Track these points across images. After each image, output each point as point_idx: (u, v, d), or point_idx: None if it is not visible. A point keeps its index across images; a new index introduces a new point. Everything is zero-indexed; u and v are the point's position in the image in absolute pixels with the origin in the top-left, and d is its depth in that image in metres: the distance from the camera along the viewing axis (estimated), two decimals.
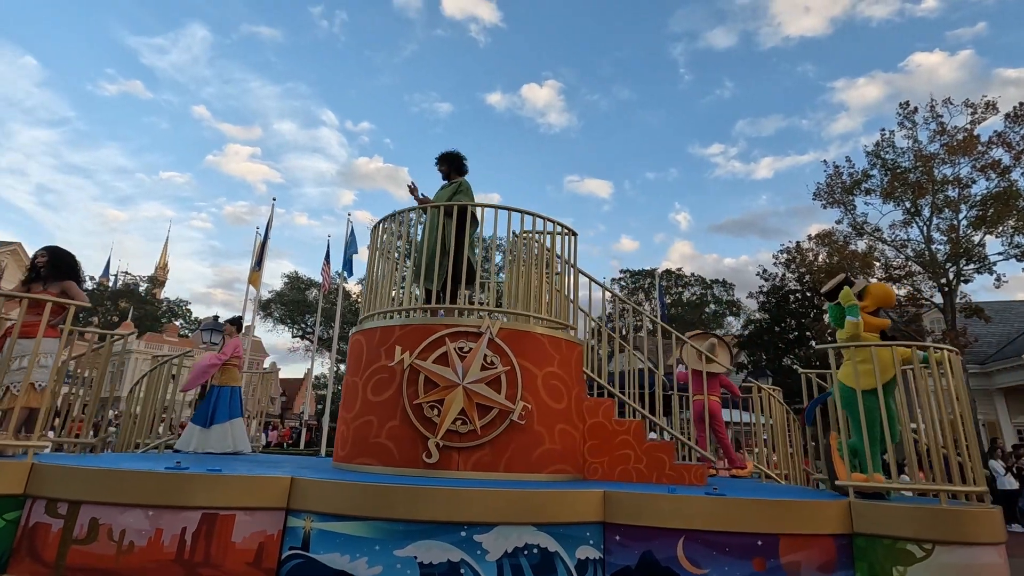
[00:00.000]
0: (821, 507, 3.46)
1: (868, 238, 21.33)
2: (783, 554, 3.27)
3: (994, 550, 3.41)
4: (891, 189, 20.14)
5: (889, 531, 3.35)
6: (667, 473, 4.44)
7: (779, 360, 23.69)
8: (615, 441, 4.52)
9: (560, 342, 4.47)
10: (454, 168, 5.36)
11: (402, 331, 4.18)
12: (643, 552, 3.26)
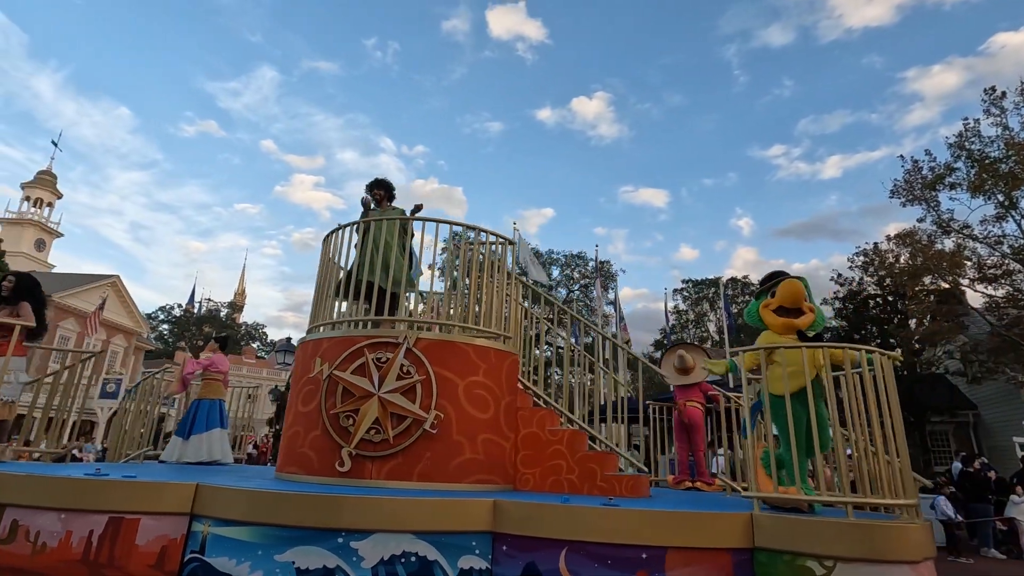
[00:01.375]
0: (717, 520, 3.13)
1: (956, 235, 19.07)
2: (669, 568, 3.00)
3: (907, 568, 2.96)
4: (980, 182, 17.96)
5: (789, 546, 2.99)
6: (599, 484, 4.18)
7: None
8: (548, 451, 4.31)
9: (488, 352, 4.33)
10: (388, 195, 5.44)
11: (329, 343, 4.23)
12: (527, 563, 3.09)
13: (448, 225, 4.66)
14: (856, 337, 21.86)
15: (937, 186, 19.09)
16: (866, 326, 21.72)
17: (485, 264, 4.76)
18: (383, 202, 5.42)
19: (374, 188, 5.42)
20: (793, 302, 3.83)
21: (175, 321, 49.79)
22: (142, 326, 31.68)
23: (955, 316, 18.36)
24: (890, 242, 20.30)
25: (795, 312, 3.84)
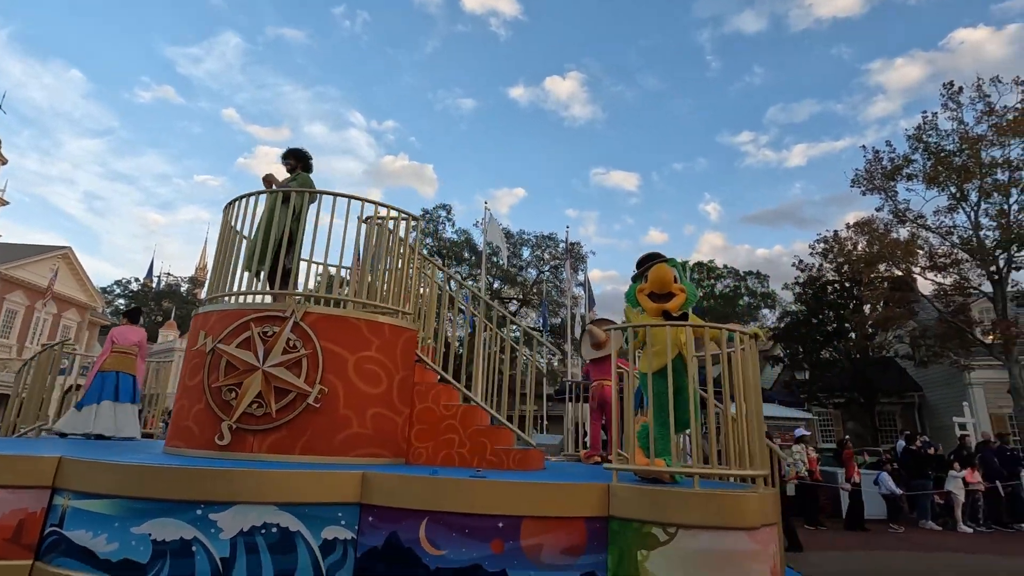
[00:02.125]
0: (574, 490, 3.20)
1: (911, 225, 19.31)
2: (524, 536, 3.06)
3: (744, 534, 3.06)
4: (935, 174, 18.17)
5: (638, 515, 3.08)
6: (488, 457, 4.19)
7: (817, 353, 21.86)
8: (442, 426, 4.30)
9: (382, 327, 4.26)
10: (301, 163, 5.19)
11: (217, 316, 4.12)
12: (390, 533, 3.12)
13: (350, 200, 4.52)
14: (814, 321, 22.22)
15: (895, 177, 19.25)
16: (823, 311, 22.03)
17: (384, 239, 4.65)
18: (297, 170, 5.17)
19: (287, 157, 5.18)
20: (660, 288, 3.86)
21: (132, 296, 47.14)
22: (96, 300, 30.32)
23: (906, 303, 18.67)
24: (849, 230, 20.50)
25: (666, 296, 3.86)
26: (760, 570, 3.10)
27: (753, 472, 3.37)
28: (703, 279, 30.56)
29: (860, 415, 20.98)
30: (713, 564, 3.00)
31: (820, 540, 8.44)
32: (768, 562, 3.18)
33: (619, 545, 3.12)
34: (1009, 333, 16.15)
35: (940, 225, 18.69)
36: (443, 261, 26.67)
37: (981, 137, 17.51)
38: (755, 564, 3.07)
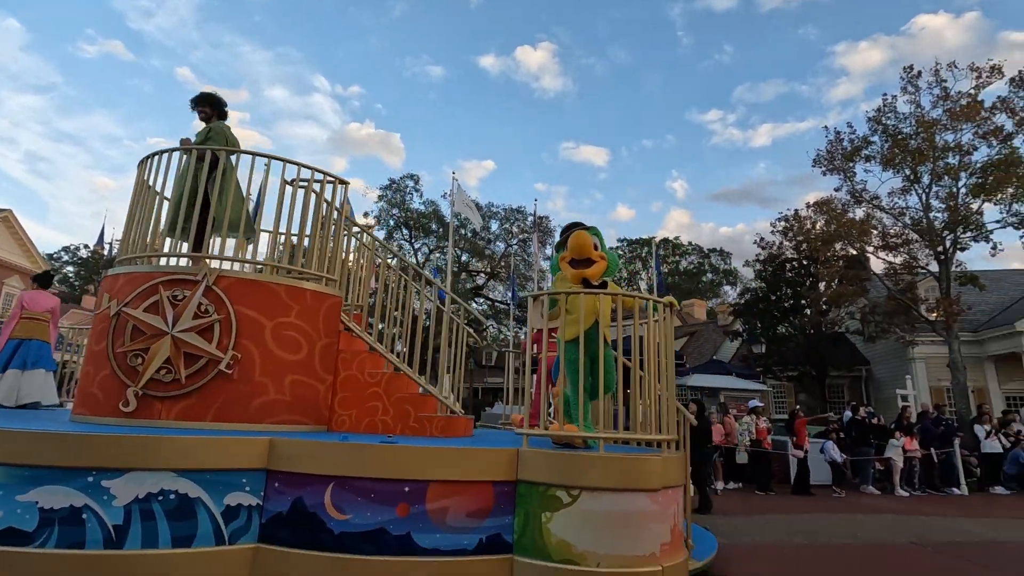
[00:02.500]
0: (484, 455, 3.25)
1: (866, 206, 19.73)
2: (430, 500, 3.10)
3: (645, 496, 3.18)
4: (891, 156, 18.51)
5: (544, 478, 3.16)
6: (411, 424, 4.20)
7: (774, 328, 22.36)
8: (366, 393, 4.23)
9: (303, 293, 4.11)
10: (216, 111, 4.78)
11: (124, 279, 3.90)
12: (295, 498, 3.10)
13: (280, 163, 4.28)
14: (772, 298, 22.67)
15: (854, 158, 19.56)
16: (782, 288, 22.47)
17: (309, 203, 4.43)
18: (212, 119, 4.77)
19: (199, 103, 4.75)
20: (579, 253, 3.88)
21: (81, 263, 44.69)
22: (41, 267, 29.31)
23: (859, 280, 19.14)
24: (809, 209, 20.82)
25: (586, 263, 3.84)
26: (660, 529, 3.20)
27: (660, 437, 3.45)
28: (668, 255, 30.86)
29: (811, 387, 21.66)
30: (613, 524, 3.07)
31: (768, 504, 8.71)
32: (668, 521, 3.29)
33: (525, 508, 3.19)
34: (951, 311, 16.75)
35: (894, 206, 19.14)
36: (410, 233, 26.23)
37: (936, 121, 17.84)
38: (655, 524, 3.18)
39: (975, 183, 17.11)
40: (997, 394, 17.90)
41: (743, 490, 10.33)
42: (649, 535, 3.15)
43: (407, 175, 27.60)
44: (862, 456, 11.11)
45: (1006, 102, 16.91)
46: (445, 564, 3.05)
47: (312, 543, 3.03)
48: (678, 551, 3.39)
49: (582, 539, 3.05)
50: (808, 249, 21.11)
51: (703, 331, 30.53)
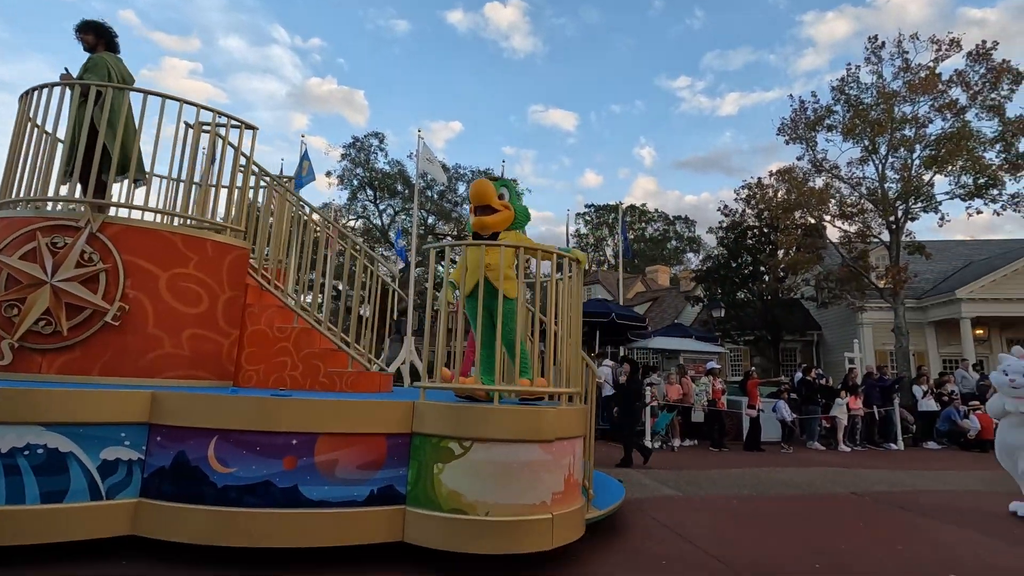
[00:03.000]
0: (377, 408, 3.25)
1: (826, 175, 20.19)
2: (319, 453, 3.09)
3: (538, 447, 3.25)
4: (852, 126, 18.89)
5: (438, 430, 3.20)
6: (320, 380, 4.18)
7: (734, 294, 23.00)
8: (274, 349, 4.17)
9: (204, 243, 3.95)
10: (101, 40, 4.38)
11: (1, 224, 3.66)
12: (177, 452, 3.07)
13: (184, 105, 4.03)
14: (733, 264, 23.22)
15: (817, 127, 19.88)
16: (742, 255, 23.02)
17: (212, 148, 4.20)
18: (97, 49, 4.36)
19: (83, 30, 4.34)
20: (477, 200, 3.84)
21: None
22: None
23: (815, 248, 19.74)
24: (771, 177, 21.19)
25: (485, 210, 3.83)
26: (552, 479, 3.30)
27: (559, 390, 3.53)
28: (635, 222, 31.11)
29: (766, 351, 22.52)
30: (504, 474, 3.15)
31: (722, 460, 9.08)
32: (562, 472, 3.38)
33: (419, 459, 3.24)
34: (899, 278, 17.52)
35: (852, 176, 19.67)
36: (375, 194, 25.55)
37: (896, 93, 18.23)
38: (547, 473, 3.27)
39: (928, 155, 17.67)
40: (935, 357, 19.00)
41: (698, 447, 10.75)
42: (541, 485, 3.26)
43: (371, 133, 26.73)
44: (810, 415, 11.67)
45: (962, 75, 17.36)
46: (334, 515, 3.09)
47: (195, 497, 3.00)
48: (572, 500, 3.48)
49: (472, 489, 3.13)
50: (769, 217, 21.59)
51: (666, 296, 31.18)
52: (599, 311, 12.34)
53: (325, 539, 3.05)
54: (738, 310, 22.41)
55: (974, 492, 6.88)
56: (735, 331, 22.13)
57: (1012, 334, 18.88)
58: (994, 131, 17.30)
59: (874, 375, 13.30)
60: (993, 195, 17.15)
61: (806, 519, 5.25)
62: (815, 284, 20.07)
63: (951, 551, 4.28)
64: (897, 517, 5.43)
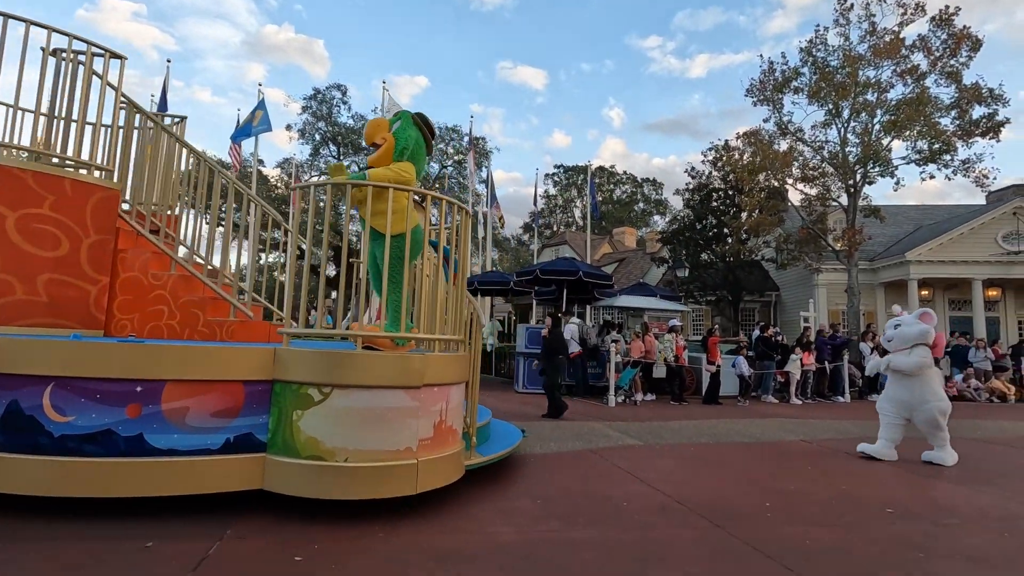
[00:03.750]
0: (229, 354, 3.18)
1: (790, 138, 20.45)
2: (167, 400, 3.02)
3: (404, 393, 3.25)
4: (817, 89, 19.05)
5: (298, 377, 3.16)
6: (200, 329, 4.09)
7: (698, 255, 23.44)
8: (150, 297, 4.04)
9: (60, 182, 3.73)
10: None
11: None
12: (10, 401, 2.94)
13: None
14: (698, 226, 23.58)
15: (784, 89, 20.00)
16: (707, 217, 23.35)
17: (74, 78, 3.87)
18: None
19: None
20: (367, 139, 3.70)
21: None
22: None
23: (777, 211, 20.17)
24: (738, 139, 21.35)
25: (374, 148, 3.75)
26: (419, 425, 3.31)
27: (435, 336, 3.53)
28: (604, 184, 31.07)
29: (727, 310, 23.21)
30: (364, 420, 3.14)
31: (682, 412, 9.43)
32: (431, 418, 3.40)
33: (279, 407, 3.20)
34: (854, 241, 18.14)
35: (815, 139, 20.00)
36: (338, 149, 24.63)
37: (861, 56, 18.43)
38: (413, 420, 3.27)
39: (888, 120, 18.06)
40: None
41: (659, 401, 11.12)
42: (406, 431, 3.26)
43: (333, 85, 25.58)
44: (765, 370, 12.18)
45: (925, 40, 17.63)
46: (185, 464, 3.05)
47: (31, 447, 2.91)
48: (444, 446, 3.53)
49: (330, 435, 3.12)
50: (734, 179, 21.88)
51: (632, 258, 31.56)
52: (567, 269, 12.40)
53: (175, 488, 3.02)
54: (701, 271, 22.91)
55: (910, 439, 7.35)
56: (698, 291, 22.68)
57: (954, 295, 19.96)
58: (951, 97, 17.75)
59: (825, 333, 13.91)
60: (946, 160, 17.73)
61: (759, 464, 5.52)
62: (775, 246, 20.60)
63: (888, 490, 4.58)
64: (842, 461, 5.77)
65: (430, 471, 3.35)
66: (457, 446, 3.72)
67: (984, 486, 4.80)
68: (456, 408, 3.74)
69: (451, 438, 3.65)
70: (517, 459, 5.21)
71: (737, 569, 2.82)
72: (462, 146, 25.51)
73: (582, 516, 3.58)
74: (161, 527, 3.03)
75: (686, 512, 3.76)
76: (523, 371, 11.69)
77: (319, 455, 3.12)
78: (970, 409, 11.34)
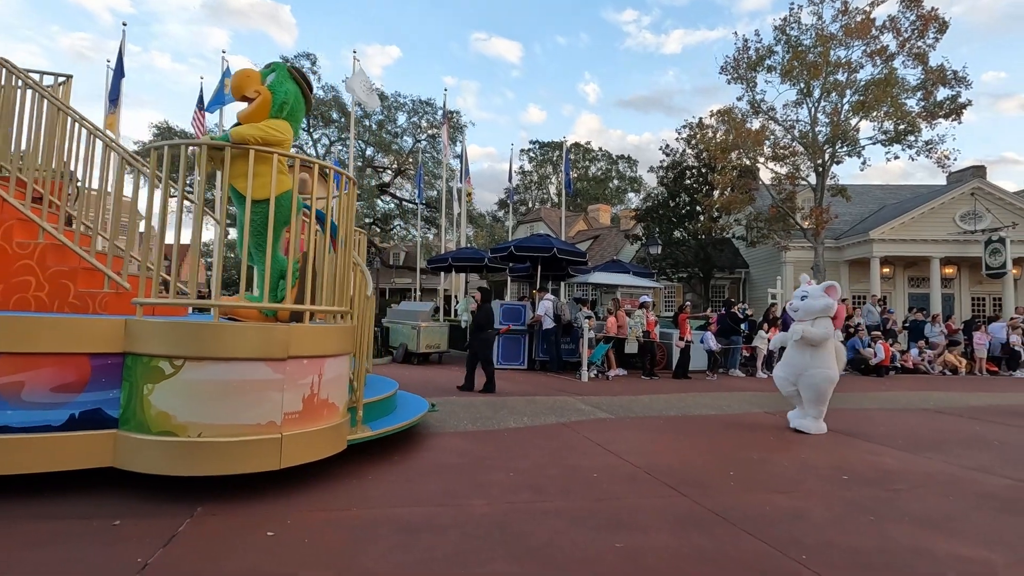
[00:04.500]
0: (72, 325, 3.05)
1: (763, 117, 20.67)
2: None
3: (265, 365, 3.16)
4: (790, 67, 19.22)
5: (148, 348, 3.06)
6: (70, 301, 3.92)
7: (671, 232, 23.70)
8: (15, 267, 3.86)
9: None
10: None
11: None
12: None
13: None
14: (671, 204, 23.79)
15: (758, 67, 20.12)
16: (681, 195, 23.57)
17: None
18: None
19: None
20: (235, 93, 3.52)
21: None
22: None
23: (748, 189, 20.48)
24: (712, 117, 21.47)
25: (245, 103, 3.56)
26: (285, 398, 3.22)
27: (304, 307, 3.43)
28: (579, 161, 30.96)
29: (698, 287, 23.65)
30: (219, 393, 3.05)
31: (653, 387, 9.64)
32: (299, 391, 3.31)
33: (130, 380, 3.10)
34: (821, 219, 18.61)
35: (786, 119, 20.27)
36: (308, 121, 23.90)
37: (833, 36, 18.63)
38: (276, 393, 3.19)
39: (857, 100, 18.39)
40: (847, 293, 20.61)
41: (630, 376, 11.34)
42: (267, 404, 3.15)
43: (302, 54, 24.63)
44: (733, 345, 12.52)
45: (894, 21, 17.90)
46: (17, 442, 2.89)
47: None
48: (317, 420, 3.42)
49: (182, 410, 3.01)
50: (708, 157, 22.08)
51: (607, 235, 31.76)
52: (541, 245, 12.42)
53: (5, 467, 2.87)
54: (674, 248, 23.21)
55: (868, 409, 7.70)
56: (670, 268, 23.01)
57: (913, 272, 20.70)
58: (917, 79, 18.14)
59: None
60: (910, 141, 18.19)
61: (725, 435, 5.71)
62: (746, 224, 20.97)
63: (844, 458, 4.80)
64: (802, 432, 6.01)
65: (298, 445, 3.24)
66: (335, 419, 3.60)
67: (932, 453, 5.08)
68: (334, 381, 3.59)
69: (326, 412, 3.51)
70: (491, 434, 5.29)
71: (701, 535, 2.94)
72: (436, 120, 25.01)
73: (554, 487, 3.67)
74: (131, 505, 3.00)
75: (654, 482, 3.88)
76: (497, 347, 11.77)
77: (170, 430, 3.00)
78: (924, 381, 11.90)
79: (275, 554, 2.52)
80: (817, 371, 5.83)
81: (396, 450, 4.46)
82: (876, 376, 12.54)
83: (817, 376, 5.83)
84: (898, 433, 6.00)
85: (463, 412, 6.29)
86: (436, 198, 25.07)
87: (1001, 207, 19.08)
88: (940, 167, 18.37)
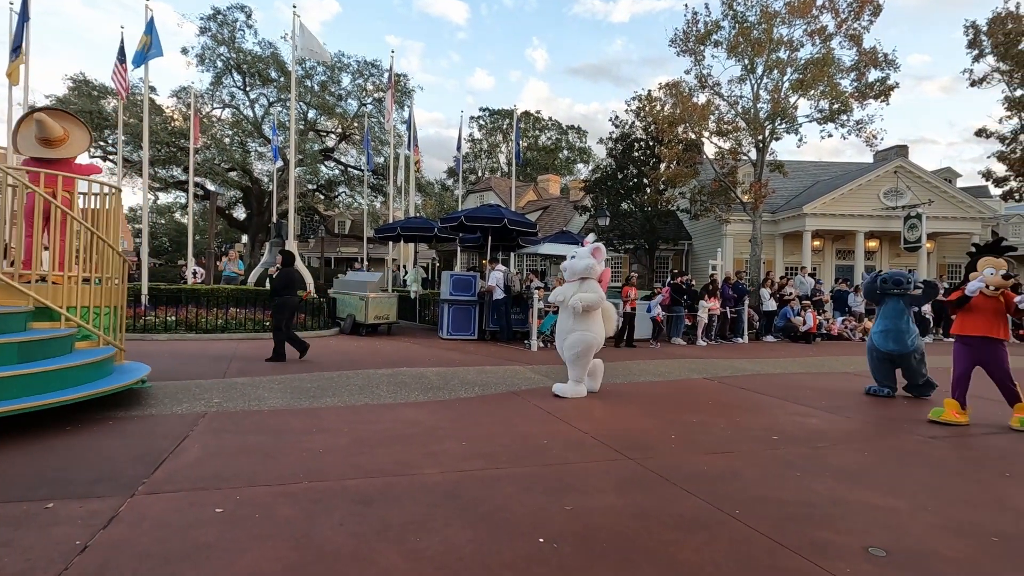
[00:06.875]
0: None
1: (709, 92, 21.09)
2: None
3: None
4: (736, 43, 19.60)
5: None
6: None
7: (619, 204, 24.13)
8: None
9: None
10: None
11: None
12: None
13: None
14: (620, 176, 24.15)
15: (705, 41, 20.43)
16: (629, 167, 23.94)
17: None
18: None
19: None
20: None
21: None
22: None
23: (693, 163, 21.02)
24: (660, 90, 21.75)
25: None
26: None
27: None
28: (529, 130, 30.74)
29: (644, 258, 24.33)
30: None
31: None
32: None
33: None
34: (759, 193, 19.41)
35: (731, 94, 20.79)
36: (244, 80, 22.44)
37: (777, 13, 19.12)
38: None
39: (796, 79, 19.07)
40: (781, 265, 21.77)
41: None
42: None
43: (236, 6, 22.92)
44: (675, 314, 13.04)
45: (833, 1, 18.53)
46: None
47: None
48: None
49: None
50: (656, 130, 22.45)
51: (556, 205, 31.95)
52: (492, 216, 12.37)
53: None
54: (621, 220, 23.69)
55: (797, 374, 8.27)
56: (617, 240, 23.52)
57: (841, 245, 22.06)
58: (851, 60, 18.97)
59: (730, 280, 15.02)
60: (843, 120, 19.12)
61: (667, 400, 6.00)
62: (690, 197, 21.59)
63: (775, 420, 5.17)
64: (738, 395, 6.40)
65: None
66: None
67: (853, 413, 5.54)
68: None
69: None
70: (443, 404, 5.34)
71: (644, 495, 3.12)
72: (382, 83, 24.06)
73: (505, 454, 3.77)
74: (67, 488, 2.87)
75: (601, 446, 4.06)
76: (447, 318, 11.77)
77: None
78: (846, 347, 12.85)
79: (226, 531, 2.49)
80: (577, 334, 5.83)
81: (344, 423, 4.44)
82: (804, 343, 13.42)
83: (576, 338, 5.82)
84: (823, 395, 6.49)
85: (414, 383, 6.30)
86: (383, 165, 24.34)
87: (919, 185, 20.50)
88: (868, 146, 19.45)
